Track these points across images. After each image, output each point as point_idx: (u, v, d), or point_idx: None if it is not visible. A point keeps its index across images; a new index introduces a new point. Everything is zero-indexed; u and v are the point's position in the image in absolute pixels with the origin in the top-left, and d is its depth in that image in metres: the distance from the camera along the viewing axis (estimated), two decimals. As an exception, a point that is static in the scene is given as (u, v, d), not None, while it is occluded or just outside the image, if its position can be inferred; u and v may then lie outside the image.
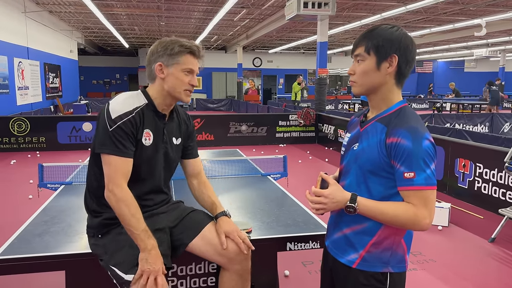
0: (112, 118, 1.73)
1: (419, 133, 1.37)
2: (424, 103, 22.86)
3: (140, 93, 1.88)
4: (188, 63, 1.83)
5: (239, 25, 16.50)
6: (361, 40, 1.47)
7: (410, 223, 1.38)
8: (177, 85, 1.83)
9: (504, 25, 14.39)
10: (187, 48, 1.82)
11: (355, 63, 1.50)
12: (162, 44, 1.83)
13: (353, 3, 11.84)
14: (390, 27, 1.45)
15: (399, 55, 1.42)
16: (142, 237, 1.68)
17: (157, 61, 1.82)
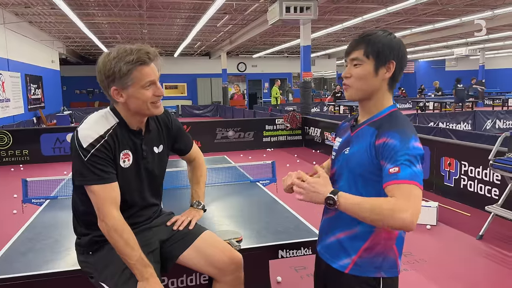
0: (84, 147, 1.63)
1: (408, 134, 1.37)
2: (408, 102, 23.15)
3: (108, 112, 1.75)
4: (144, 76, 1.65)
5: (222, 31, 16.51)
6: (358, 44, 1.46)
7: (388, 217, 1.27)
8: (141, 104, 1.68)
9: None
10: (136, 62, 1.62)
11: (351, 67, 1.48)
12: (106, 67, 1.63)
13: (335, 6, 11.95)
14: (388, 34, 1.46)
15: (396, 61, 1.44)
16: (138, 266, 1.63)
17: (110, 86, 1.66)
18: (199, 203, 2.07)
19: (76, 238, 1.85)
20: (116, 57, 1.62)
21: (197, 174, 2.14)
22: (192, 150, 2.10)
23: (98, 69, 1.68)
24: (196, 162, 2.14)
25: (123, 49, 1.64)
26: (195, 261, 1.84)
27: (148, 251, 1.75)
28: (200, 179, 2.13)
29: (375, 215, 1.31)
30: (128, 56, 1.62)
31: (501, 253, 3.75)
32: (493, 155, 4.09)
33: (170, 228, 1.93)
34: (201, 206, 2.07)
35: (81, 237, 1.82)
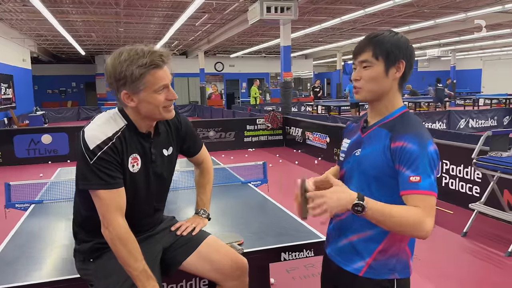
0: (90, 149, 1.55)
1: (425, 138, 1.36)
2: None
3: (117, 114, 1.67)
4: (157, 80, 1.56)
5: (200, 30, 16.37)
6: (366, 45, 1.44)
7: (416, 229, 1.30)
8: (153, 109, 1.61)
9: (455, 26, 15.11)
10: (149, 65, 1.54)
11: (360, 69, 1.46)
12: (117, 70, 1.55)
13: (314, 7, 12.03)
14: (395, 34, 1.45)
15: (406, 60, 1.43)
16: (140, 278, 1.56)
17: (121, 90, 1.58)
18: (205, 211, 2.01)
19: (76, 244, 1.77)
20: (128, 60, 1.54)
21: (204, 181, 2.07)
22: (200, 152, 2.03)
23: (107, 72, 1.60)
24: (204, 166, 2.07)
25: (134, 50, 1.55)
26: (199, 267, 1.79)
27: (151, 258, 1.69)
28: (206, 186, 2.06)
29: (401, 226, 1.32)
30: (140, 59, 1.53)
31: (485, 249, 3.85)
32: (476, 154, 4.18)
33: (174, 234, 1.87)
34: (206, 215, 2.01)
35: (81, 243, 1.74)
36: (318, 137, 8.46)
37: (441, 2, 12.03)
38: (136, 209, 1.71)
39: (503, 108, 14.60)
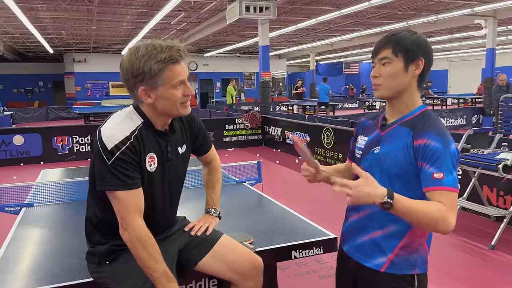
0: (108, 150, 1.51)
1: (448, 137, 1.40)
2: (355, 102, 24.03)
3: (132, 111, 1.63)
4: (176, 75, 1.54)
5: (175, 29, 16.19)
6: (386, 43, 1.47)
7: (439, 222, 1.32)
8: (171, 105, 1.59)
9: (426, 28, 15.58)
10: (168, 60, 1.51)
11: (380, 66, 1.48)
12: (134, 66, 1.52)
13: (291, 7, 12.13)
14: (414, 33, 1.48)
15: (425, 58, 1.46)
16: (161, 281, 1.53)
17: (138, 86, 1.55)
18: (216, 210, 1.99)
19: (89, 247, 1.72)
20: (146, 55, 1.50)
21: (213, 180, 2.05)
22: (210, 151, 2.01)
23: (124, 68, 1.56)
24: (213, 165, 2.06)
25: (152, 45, 1.52)
26: (215, 267, 1.78)
27: (168, 259, 1.66)
28: (215, 185, 2.05)
29: (427, 221, 1.33)
30: (159, 54, 1.50)
31: (469, 243, 3.99)
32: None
33: (187, 234, 1.84)
34: (217, 213, 1.99)
35: (95, 245, 1.69)
36: (298, 136, 8.54)
37: (413, 4, 12.39)
38: (153, 209, 1.68)
39: (471, 107, 15.18)
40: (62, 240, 2.27)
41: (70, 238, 2.27)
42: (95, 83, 24.19)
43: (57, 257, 2.02)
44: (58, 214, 2.75)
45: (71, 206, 2.86)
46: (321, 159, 7.75)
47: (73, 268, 1.84)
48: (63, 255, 2.04)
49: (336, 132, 7.38)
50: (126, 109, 1.66)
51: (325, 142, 7.60)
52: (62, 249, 2.12)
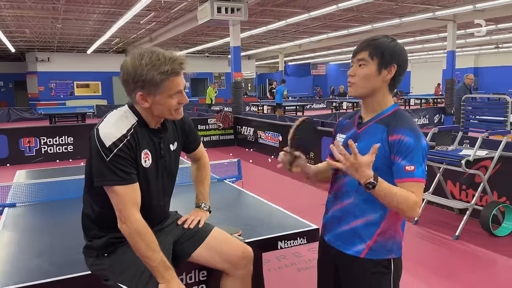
0: (106, 147, 1.59)
1: (419, 133, 1.56)
2: (322, 103, 24.51)
3: (128, 111, 1.72)
4: (175, 86, 1.63)
5: (144, 28, 16.01)
6: (365, 46, 1.60)
7: (409, 209, 1.49)
8: (166, 111, 1.69)
9: (390, 31, 16.13)
10: (171, 73, 1.60)
11: (356, 67, 1.62)
12: (137, 72, 1.59)
13: (261, 9, 12.29)
14: (392, 40, 1.62)
15: (397, 65, 1.60)
16: (159, 269, 1.62)
17: (137, 91, 1.62)
18: (206, 204, 2.09)
19: (87, 241, 1.78)
20: (149, 64, 1.58)
21: (202, 175, 2.15)
22: (199, 148, 2.10)
23: (125, 71, 1.63)
24: (201, 161, 2.16)
25: (156, 55, 1.60)
26: (208, 258, 1.87)
27: (164, 250, 1.74)
28: (204, 181, 2.15)
29: (399, 204, 1.49)
30: (162, 66, 1.58)
31: (436, 235, 4.25)
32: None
33: (181, 227, 1.93)
34: (207, 207, 2.09)
35: (93, 239, 1.75)
36: (271, 135, 8.70)
37: (378, 8, 12.82)
38: (148, 203, 1.76)
39: (433, 107, 15.86)
40: (49, 238, 2.30)
41: (57, 236, 2.30)
42: (59, 83, 23.53)
43: (46, 254, 2.06)
44: (42, 214, 2.76)
45: (52, 205, 2.87)
46: (293, 158, 7.94)
47: (61, 264, 1.90)
48: (53, 251, 2.08)
49: (308, 131, 7.58)
50: (121, 108, 1.74)
51: (297, 141, 7.79)
52: (50, 247, 2.15)
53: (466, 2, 11.58)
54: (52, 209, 2.82)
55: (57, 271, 1.83)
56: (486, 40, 20.24)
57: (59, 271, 1.83)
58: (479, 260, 3.68)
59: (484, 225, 4.10)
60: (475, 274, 3.41)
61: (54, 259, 1.99)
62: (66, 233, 2.31)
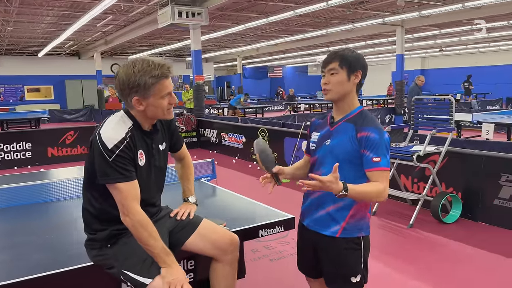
0: (109, 148, 1.77)
1: (381, 129, 1.87)
2: (280, 104, 25.02)
3: (124, 115, 1.91)
4: (165, 88, 1.84)
5: (100, 31, 15.73)
6: (334, 58, 1.89)
7: (379, 196, 1.80)
8: (158, 111, 1.88)
9: (343, 35, 16.88)
10: (161, 76, 1.81)
11: (328, 75, 1.90)
12: (131, 79, 1.78)
13: (220, 13, 12.49)
14: (353, 51, 1.93)
15: (362, 70, 1.91)
16: (161, 256, 1.80)
17: (132, 95, 1.81)
18: (193, 198, 2.30)
19: (90, 235, 1.94)
20: (141, 70, 1.78)
21: (187, 173, 2.35)
22: (182, 148, 2.30)
23: (120, 80, 1.82)
24: (186, 160, 2.35)
25: (147, 62, 1.80)
26: (200, 246, 2.08)
27: (161, 239, 1.93)
28: (190, 177, 2.35)
29: (371, 198, 1.82)
30: (153, 71, 1.79)
31: (392, 224, 4.65)
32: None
33: (173, 219, 2.13)
34: (194, 201, 2.29)
35: (96, 232, 1.91)
36: (234, 137, 8.92)
37: (332, 14, 13.41)
38: (143, 198, 1.94)
39: (384, 108, 16.72)
40: (41, 234, 2.40)
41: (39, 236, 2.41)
42: (9, 87, 22.55)
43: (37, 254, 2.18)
44: (23, 216, 2.82)
45: (27, 209, 2.95)
46: (257, 158, 8.20)
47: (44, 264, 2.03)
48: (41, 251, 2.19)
49: (271, 132, 7.89)
50: (118, 113, 1.93)
51: (260, 142, 8.07)
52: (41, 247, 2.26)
53: (413, 9, 12.39)
54: (30, 212, 2.88)
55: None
56: (431, 44, 21.57)
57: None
58: (431, 244, 4.09)
59: (435, 214, 4.54)
60: (429, 257, 3.80)
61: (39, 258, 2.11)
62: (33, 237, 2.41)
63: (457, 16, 12.90)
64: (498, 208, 4.34)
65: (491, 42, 22.08)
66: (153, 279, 1.80)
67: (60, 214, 2.86)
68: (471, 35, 18.62)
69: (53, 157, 8.91)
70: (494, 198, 4.37)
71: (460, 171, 4.74)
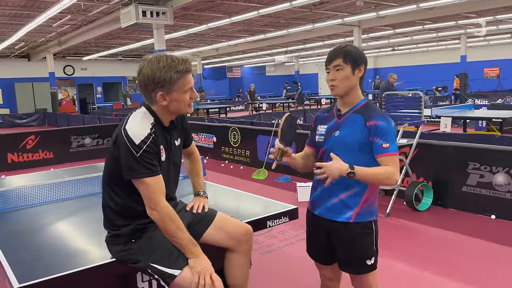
0: (136, 144, 1.80)
1: (389, 118, 2.01)
2: (241, 104, 25.13)
3: (146, 112, 1.93)
4: (187, 83, 1.89)
5: (55, 31, 15.11)
6: (338, 54, 1.99)
7: (389, 180, 1.93)
8: (181, 106, 1.92)
9: (303, 35, 17.26)
10: (185, 72, 1.86)
11: (334, 72, 2.00)
12: (156, 74, 1.82)
13: (183, 13, 12.40)
14: (355, 47, 2.04)
15: (364, 65, 2.04)
16: (189, 247, 1.85)
17: (157, 91, 1.85)
18: (204, 192, 2.34)
19: (113, 231, 1.95)
20: (166, 66, 1.82)
21: (197, 168, 2.39)
22: (192, 144, 2.35)
23: (144, 75, 1.84)
24: (194, 155, 2.39)
25: (170, 58, 1.85)
26: (217, 237, 2.13)
27: None
28: (199, 172, 2.39)
29: (380, 180, 1.93)
30: (178, 66, 1.84)
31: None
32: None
33: (190, 212, 2.17)
34: (206, 195, 2.33)
35: (120, 228, 1.92)
36: (204, 137, 8.91)
37: (294, 14, 13.69)
38: (166, 193, 1.97)
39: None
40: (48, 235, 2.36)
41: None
42: (-49, 91, 21.12)
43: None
44: (24, 218, 2.75)
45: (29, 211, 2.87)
46: (229, 157, 8.26)
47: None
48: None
49: (243, 131, 7.96)
50: (140, 110, 1.95)
51: (232, 141, 8.12)
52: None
53: (370, 9, 12.91)
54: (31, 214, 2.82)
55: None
56: (384, 44, 22.50)
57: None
58: (407, 231, 4.35)
59: (409, 203, 4.82)
60: (405, 242, 4.05)
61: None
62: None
63: (411, 17, 13.59)
64: (467, 194, 4.68)
65: (439, 41, 23.36)
66: (182, 270, 1.84)
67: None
68: (421, 35, 19.64)
69: (14, 163, 8.51)
70: (463, 185, 4.70)
71: (431, 162, 5.05)
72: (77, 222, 2.70)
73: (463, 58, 20.95)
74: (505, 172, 4.36)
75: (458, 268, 3.40)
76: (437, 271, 3.36)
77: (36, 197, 3.04)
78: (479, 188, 4.57)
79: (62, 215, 2.81)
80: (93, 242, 2.26)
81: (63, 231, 2.54)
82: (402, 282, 3.25)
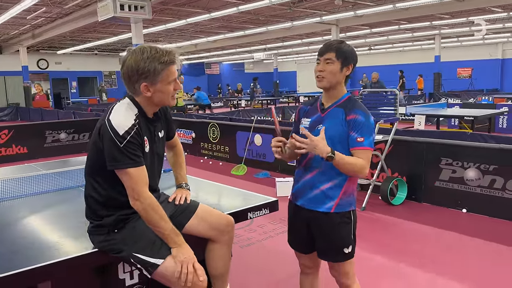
0: (120, 135, 1.80)
1: (368, 113, 2.08)
2: (220, 101, 25.09)
3: (130, 103, 1.94)
4: (172, 74, 1.89)
5: (29, 24, 14.70)
6: (331, 48, 2.05)
7: (359, 172, 2.01)
8: (165, 97, 1.92)
9: (282, 33, 17.35)
10: (169, 63, 1.86)
11: (323, 64, 2.06)
12: (140, 65, 1.82)
13: (161, 7, 12.28)
14: (349, 45, 2.11)
15: (353, 64, 2.10)
16: (172, 236, 1.87)
17: (141, 82, 1.85)
18: (186, 184, 2.36)
19: (96, 222, 1.95)
20: (150, 57, 1.83)
21: (180, 160, 2.41)
22: (175, 136, 2.36)
23: (128, 66, 1.85)
24: (177, 148, 2.40)
25: (154, 49, 1.86)
26: (199, 228, 2.16)
27: None
28: (182, 165, 2.41)
29: (354, 170, 2.00)
30: (162, 57, 1.84)
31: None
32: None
33: (172, 204, 2.19)
34: (188, 187, 2.36)
35: (103, 218, 1.93)
36: (183, 133, 8.87)
37: (273, 12, 13.75)
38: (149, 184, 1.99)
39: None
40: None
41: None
42: None
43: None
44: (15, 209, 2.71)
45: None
46: (208, 153, 8.26)
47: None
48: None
49: (222, 127, 7.97)
50: (124, 101, 1.96)
51: (211, 137, 8.12)
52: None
53: (348, 8, 13.09)
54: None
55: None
56: (361, 43, 22.84)
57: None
58: (383, 224, 4.48)
59: (384, 197, 4.95)
60: (381, 235, 4.17)
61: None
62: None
63: (387, 16, 13.85)
64: (439, 189, 4.84)
65: (415, 41, 23.87)
66: (165, 259, 1.86)
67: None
68: (397, 35, 20.04)
69: (-14, 157, 8.29)
70: (435, 180, 4.86)
71: (405, 157, 5.19)
72: (54, 216, 2.67)
73: (437, 58, 21.47)
74: (476, 168, 4.53)
75: (431, 260, 3.53)
76: (411, 263, 3.48)
77: (12, 190, 2.99)
78: (451, 183, 4.74)
79: (38, 208, 2.77)
80: (70, 234, 2.23)
81: (38, 224, 2.51)
82: (378, 274, 3.35)
